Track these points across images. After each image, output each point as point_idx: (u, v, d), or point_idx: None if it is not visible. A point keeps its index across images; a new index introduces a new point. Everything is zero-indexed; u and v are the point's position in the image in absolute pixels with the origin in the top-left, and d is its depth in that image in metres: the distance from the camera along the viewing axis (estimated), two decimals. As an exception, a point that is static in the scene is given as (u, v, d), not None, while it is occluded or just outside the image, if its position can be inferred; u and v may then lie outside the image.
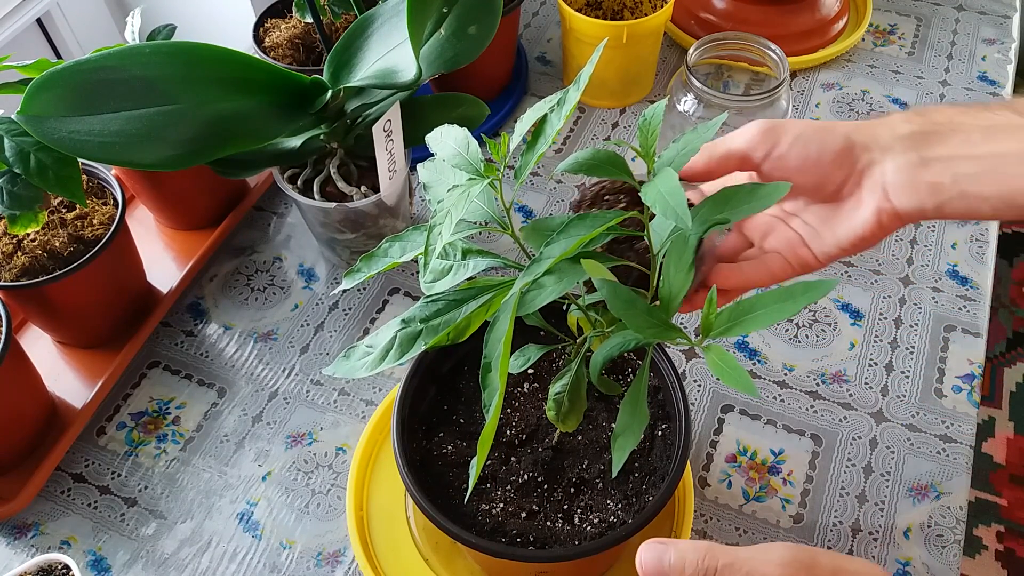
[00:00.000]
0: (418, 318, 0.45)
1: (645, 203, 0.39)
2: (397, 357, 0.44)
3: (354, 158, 0.77)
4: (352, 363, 0.45)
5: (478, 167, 0.43)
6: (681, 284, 0.43)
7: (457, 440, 0.55)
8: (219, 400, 0.75)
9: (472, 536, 0.49)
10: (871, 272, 0.82)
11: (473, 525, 0.51)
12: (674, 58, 1.05)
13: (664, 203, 0.37)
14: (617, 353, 0.46)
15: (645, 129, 0.42)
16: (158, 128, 0.59)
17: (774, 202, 0.41)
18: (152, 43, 0.63)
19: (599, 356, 0.46)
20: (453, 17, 0.69)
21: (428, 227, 0.41)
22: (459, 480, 0.53)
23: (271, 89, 0.65)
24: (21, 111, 0.56)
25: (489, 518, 0.52)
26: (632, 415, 0.46)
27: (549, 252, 0.41)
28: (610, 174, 0.42)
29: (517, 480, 0.54)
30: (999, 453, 1.51)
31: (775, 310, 0.39)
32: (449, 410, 0.57)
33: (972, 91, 0.98)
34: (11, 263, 0.68)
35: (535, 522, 0.52)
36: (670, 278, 0.43)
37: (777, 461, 0.70)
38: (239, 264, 0.85)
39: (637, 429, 0.46)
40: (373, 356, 0.45)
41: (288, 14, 0.90)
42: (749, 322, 0.40)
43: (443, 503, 0.52)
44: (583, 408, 0.50)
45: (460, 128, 0.45)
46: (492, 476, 0.54)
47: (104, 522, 0.68)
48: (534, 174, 0.92)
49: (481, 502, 0.53)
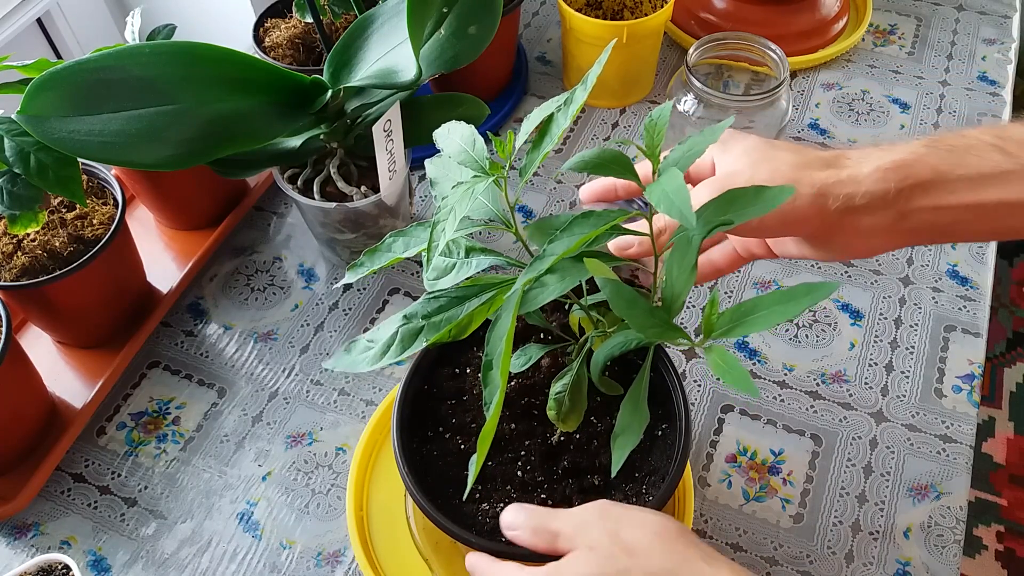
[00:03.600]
0: (420, 314, 0.45)
1: (650, 202, 0.39)
2: (398, 353, 0.44)
3: (354, 158, 0.77)
4: (353, 357, 0.45)
5: (483, 164, 0.43)
6: (684, 284, 0.43)
7: (457, 439, 0.55)
8: (219, 400, 0.75)
9: (472, 536, 0.49)
10: (871, 272, 0.82)
11: (473, 525, 0.51)
12: (674, 58, 1.05)
13: (669, 202, 0.37)
14: (618, 353, 0.45)
15: (652, 129, 0.42)
16: (158, 128, 0.59)
17: (776, 205, 0.41)
18: (152, 43, 0.63)
19: (600, 356, 0.46)
20: (453, 17, 0.69)
21: (432, 223, 0.41)
22: (460, 479, 0.53)
23: (271, 89, 0.65)
24: (21, 111, 0.56)
25: (489, 518, 0.52)
26: (633, 414, 0.46)
27: (552, 250, 0.41)
28: (615, 174, 0.42)
29: (516, 480, 0.53)
30: (999, 453, 1.51)
31: (777, 311, 0.39)
32: (449, 409, 0.57)
33: (972, 91, 0.98)
34: (11, 263, 0.68)
35: None
36: (673, 279, 0.43)
37: (777, 461, 0.70)
38: (239, 264, 0.85)
39: (637, 428, 0.46)
40: (374, 351, 0.44)
41: (288, 14, 0.90)
42: (751, 323, 0.40)
43: (443, 503, 0.52)
44: (584, 408, 0.50)
45: (467, 125, 0.45)
46: (492, 476, 0.54)
47: (104, 522, 0.68)
48: (534, 174, 0.92)
49: (481, 502, 0.52)
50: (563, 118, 0.42)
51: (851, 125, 0.95)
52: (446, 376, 0.58)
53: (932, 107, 0.97)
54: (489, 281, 0.45)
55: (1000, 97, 0.98)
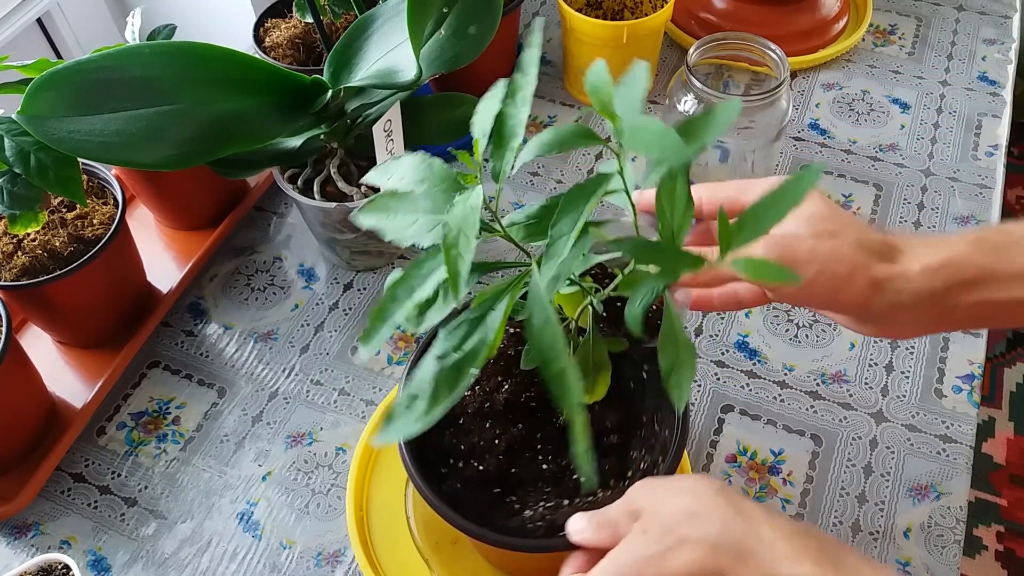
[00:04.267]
0: (451, 348, 0.41)
1: (628, 149, 0.38)
2: (448, 394, 0.39)
3: (354, 158, 0.77)
4: (403, 421, 0.39)
5: (455, 179, 0.41)
6: (681, 218, 0.42)
7: (473, 463, 0.54)
8: (219, 400, 0.75)
9: (540, 541, 0.49)
10: (871, 272, 0.82)
11: (529, 533, 0.50)
12: (674, 58, 1.05)
13: (650, 143, 0.36)
14: (652, 300, 0.44)
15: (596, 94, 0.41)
16: (158, 128, 0.59)
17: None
18: (152, 43, 0.63)
19: (638, 308, 0.44)
20: (453, 17, 0.69)
21: (433, 253, 0.39)
22: (491, 498, 0.52)
23: (271, 89, 0.65)
24: (21, 111, 0.56)
25: (538, 522, 0.51)
26: (675, 349, 0.43)
27: (561, 230, 0.39)
28: (578, 145, 0.41)
29: (545, 473, 0.53)
30: (999, 453, 1.51)
31: (782, 206, 0.38)
32: (453, 437, 0.56)
33: (972, 91, 0.98)
34: (11, 263, 0.68)
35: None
36: (667, 217, 0.42)
37: (777, 461, 0.70)
38: (239, 264, 0.85)
39: (688, 360, 0.43)
40: (423, 404, 0.39)
41: (288, 14, 0.90)
42: (762, 223, 0.38)
43: (495, 526, 0.51)
44: (609, 372, 0.49)
45: (412, 154, 0.43)
46: (522, 481, 0.53)
47: (104, 522, 0.68)
48: (533, 174, 0.92)
49: (523, 510, 0.52)
50: (515, 109, 0.40)
51: (851, 125, 0.95)
52: None
53: (932, 107, 0.97)
54: (495, 290, 0.43)
55: (1000, 97, 0.98)
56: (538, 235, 0.44)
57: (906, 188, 0.89)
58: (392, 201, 0.43)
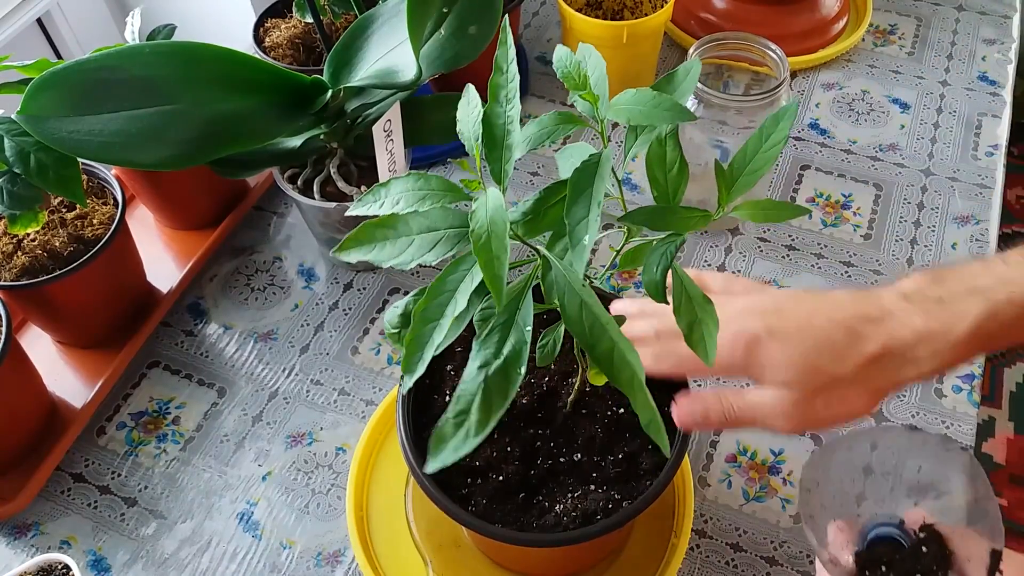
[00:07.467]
0: (491, 356, 0.39)
1: (618, 120, 0.40)
2: (502, 402, 0.37)
3: (354, 158, 0.77)
4: (456, 440, 0.37)
5: (457, 190, 0.41)
6: (676, 180, 0.44)
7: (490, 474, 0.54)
8: (219, 400, 0.75)
9: (569, 531, 0.49)
10: (871, 272, 0.82)
11: (553, 527, 0.50)
12: (674, 58, 1.05)
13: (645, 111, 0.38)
14: (668, 264, 0.43)
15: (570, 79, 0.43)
16: (158, 128, 0.59)
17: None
18: (152, 43, 0.63)
19: (657, 273, 0.43)
20: (453, 17, 0.69)
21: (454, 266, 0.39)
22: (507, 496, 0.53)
23: (271, 89, 0.65)
24: (21, 111, 0.56)
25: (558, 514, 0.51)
26: (692, 307, 0.42)
27: (578, 215, 0.38)
28: (564, 130, 0.44)
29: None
30: (999, 453, 1.51)
31: (770, 153, 0.42)
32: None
33: (972, 91, 0.98)
34: (11, 263, 0.68)
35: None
36: (661, 182, 0.44)
37: (777, 461, 0.70)
38: (239, 264, 0.85)
39: (709, 314, 0.41)
40: (475, 417, 0.37)
41: (288, 14, 0.90)
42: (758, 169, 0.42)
43: (519, 525, 0.51)
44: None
45: (401, 178, 0.42)
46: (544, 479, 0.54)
47: (104, 522, 0.68)
48: (533, 174, 0.92)
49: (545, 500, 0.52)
50: (501, 108, 0.40)
51: (851, 125, 0.95)
52: (449, 372, 0.58)
53: (932, 107, 0.97)
54: (512, 291, 0.41)
55: (1000, 97, 0.98)
56: (538, 229, 0.44)
57: (906, 188, 0.89)
58: (378, 230, 0.42)
